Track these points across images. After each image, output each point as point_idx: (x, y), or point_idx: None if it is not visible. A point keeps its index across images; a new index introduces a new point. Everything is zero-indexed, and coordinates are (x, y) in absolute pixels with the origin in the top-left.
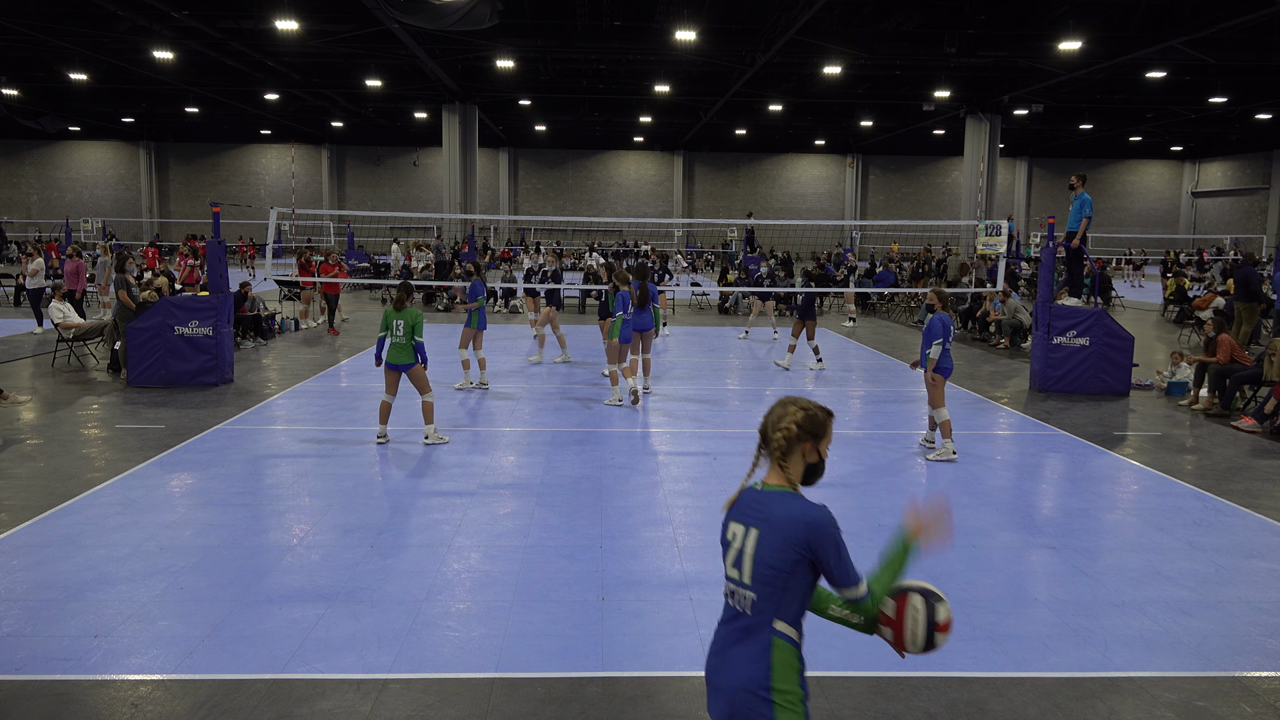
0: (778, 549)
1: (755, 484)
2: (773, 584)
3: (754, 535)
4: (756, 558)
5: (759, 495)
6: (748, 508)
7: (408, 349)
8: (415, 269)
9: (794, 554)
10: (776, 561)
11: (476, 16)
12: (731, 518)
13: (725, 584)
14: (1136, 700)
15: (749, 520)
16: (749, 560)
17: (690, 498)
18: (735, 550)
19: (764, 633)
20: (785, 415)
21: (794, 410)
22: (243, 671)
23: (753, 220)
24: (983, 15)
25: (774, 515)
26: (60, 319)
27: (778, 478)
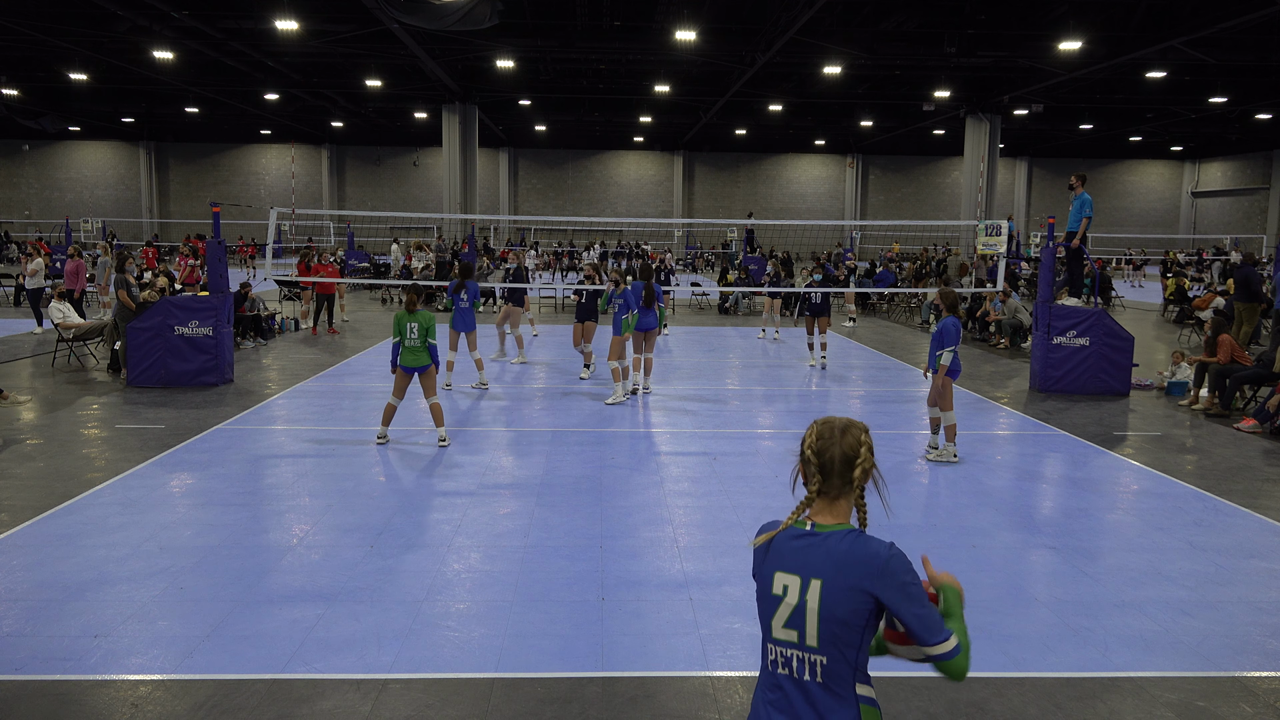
0: (851, 601)
1: (799, 523)
2: (849, 644)
3: (816, 587)
4: (825, 614)
5: (813, 539)
6: (799, 554)
7: (423, 352)
8: (415, 269)
9: (870, 604)
10: (852, 616)
11: (476, 16)
12: (776, 567)
13: (770, 649)
14: (1136, 700)
15: (806, 569)
16: (814, 618)
17: (690, 498)
18: (790, 607)
19: (848, 704)
20: (859, 444)
21: (865, 437)
22: (243, 671)
23: (753, 220)
24: (983, 15)
25: (841, 560)
26: (60, 319)
27: (833, 516)
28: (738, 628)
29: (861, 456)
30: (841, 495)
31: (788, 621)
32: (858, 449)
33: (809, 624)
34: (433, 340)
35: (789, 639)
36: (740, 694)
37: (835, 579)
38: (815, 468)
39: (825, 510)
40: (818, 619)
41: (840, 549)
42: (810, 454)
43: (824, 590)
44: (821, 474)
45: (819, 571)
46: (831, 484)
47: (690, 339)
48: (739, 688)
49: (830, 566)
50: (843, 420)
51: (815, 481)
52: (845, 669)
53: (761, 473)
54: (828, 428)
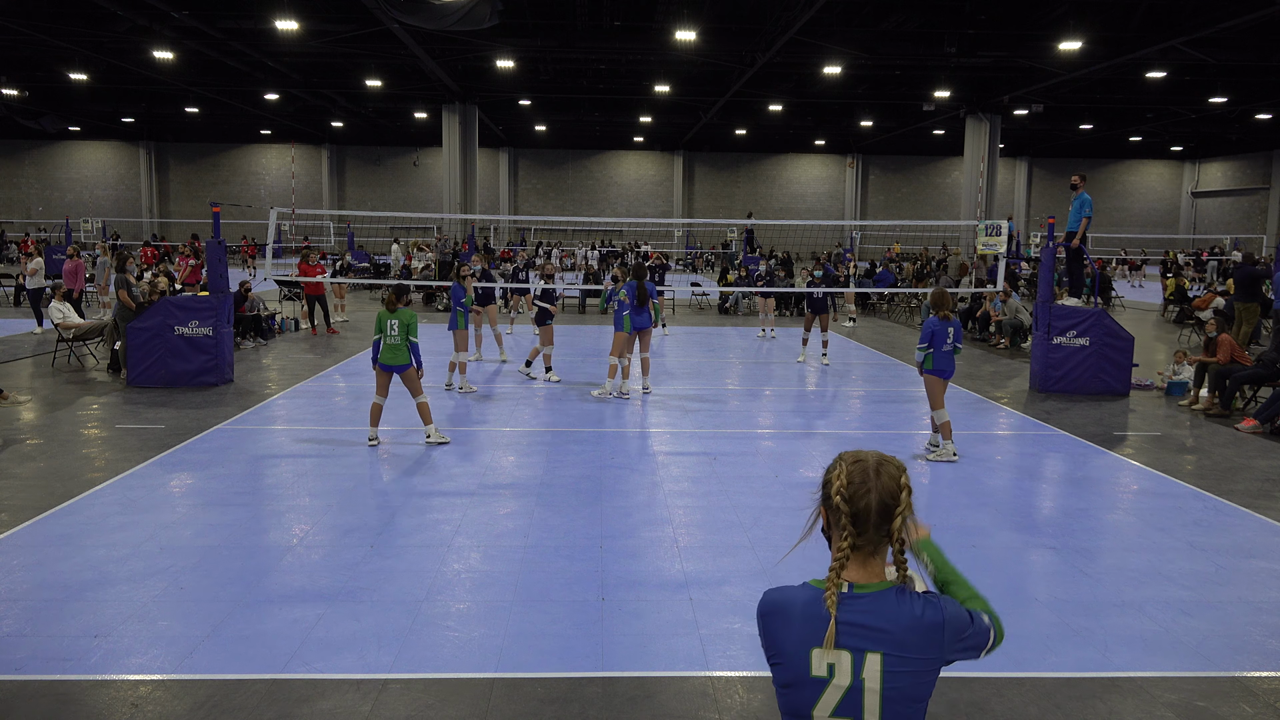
0: (920, 672)
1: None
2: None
3: (875, 663)
4: (890, 693)
5: (856, 604)
6: (844, 624)
7: (402, 350)
8: (415, 269)
9: (938, 670)
10: (920, 690)
11: (476, 16)
12: (814, 644)
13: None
14: (1136, 700)
15: (857, 643)
16: (875, 700)
17: (690, 498)
18: (840, 690)
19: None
20: (898, 486)
21: (904, 478)
22: (243, 671)
23: (753, 220)
24: (983, 15)
25: (900, 626)
26: (60, 319)
27: (869, 573)
28: (738, 628)
29: (902, 503)
30: (878, 548)
31: (839, 708)
32: (897, 493)
33: (868, 707)
34: (414, 339)
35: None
36: (740, 694)
37: (897, 650)
38: (847, 518)
39: (859, 567)
40: (880, 700)
41: (897, 612)
42: (840, 501)
43: (885, 665)
44: (854, 525)
45: (876, 643)
46: (866, 537)
47: (690, 339)
48: (739, 688)
49: (888, 636)
50: (874, 456)
51: (848, 535)
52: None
53: (761, 473)
54: (859, 468)
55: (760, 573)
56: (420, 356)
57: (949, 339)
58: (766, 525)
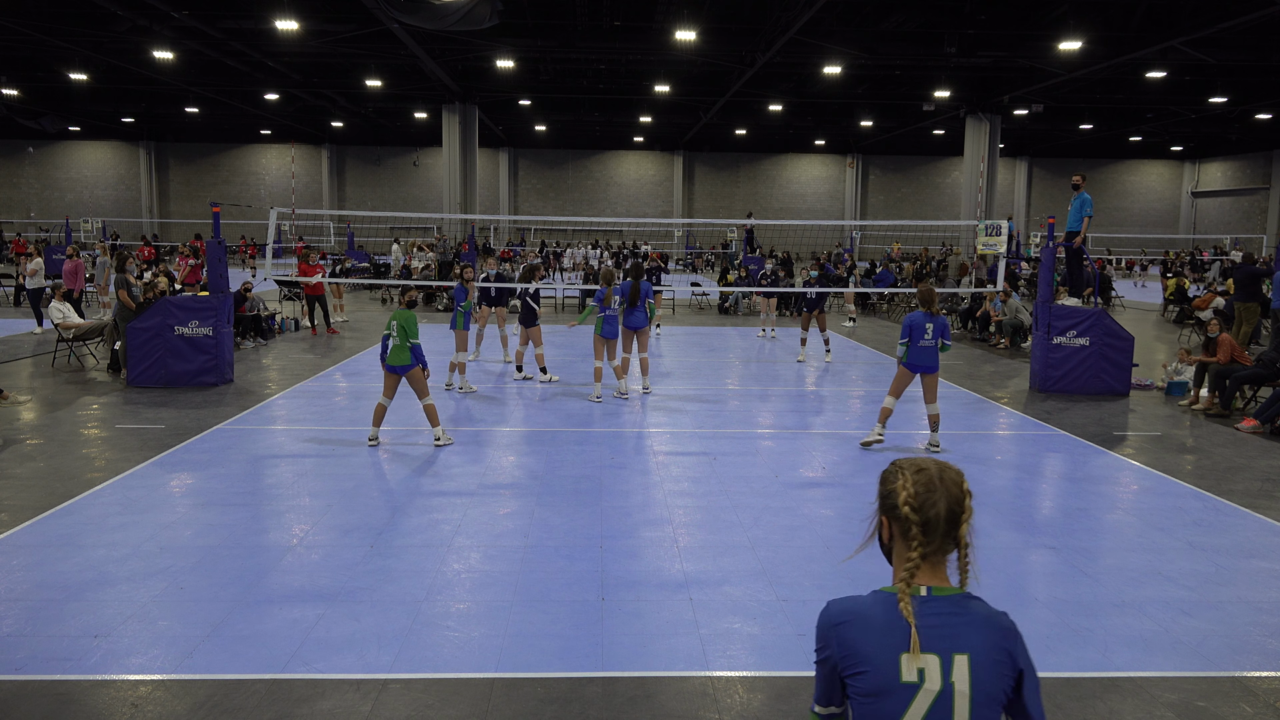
0: (1001, 673)
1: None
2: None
3: (963, 664)
4: (978, 695)
5: (937, 605)
6: (930, 627)
7: (404, 350)
8: (415, 269)
9: (1015, 677)
10: (1001, 693)
11: (476, 16)
12: (901, 649)
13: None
14: (1136, 700)
15: (945, 644)
16: (965, 703)
17: (690, 498)
18: (931, 695)
19: None
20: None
21: (965, 484)
22: (243, 671)
23: (753, 220)
24: (983, 15)
25: (979, 626)
26: (60, 319)
27: (939, 578)
28: (738, 628)
29: (967, 509)
30: (943, 555)
31: (929, 714)
32: (962, 499)
33: (958, 712)
34: (414, 340)
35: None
36: (740, 694)
37: (982, 650)
38: (918, 527)
39: (929, 573)
40: (969, 704)
41: (976, 614)
42: (909, 511)
43: (973, 666)
44: (924, 534)
45: (963, 644)
46: (934, 544)
47: (690, 339)
48: (739, 688)
49: (974, 636)
50: (934, 463)
51: (918, 544)
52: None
53: (761, 473)
54: (925, 477)
55: (760, 573)
56: (424, 357)
57: (927, 334)
58: (766, 525)
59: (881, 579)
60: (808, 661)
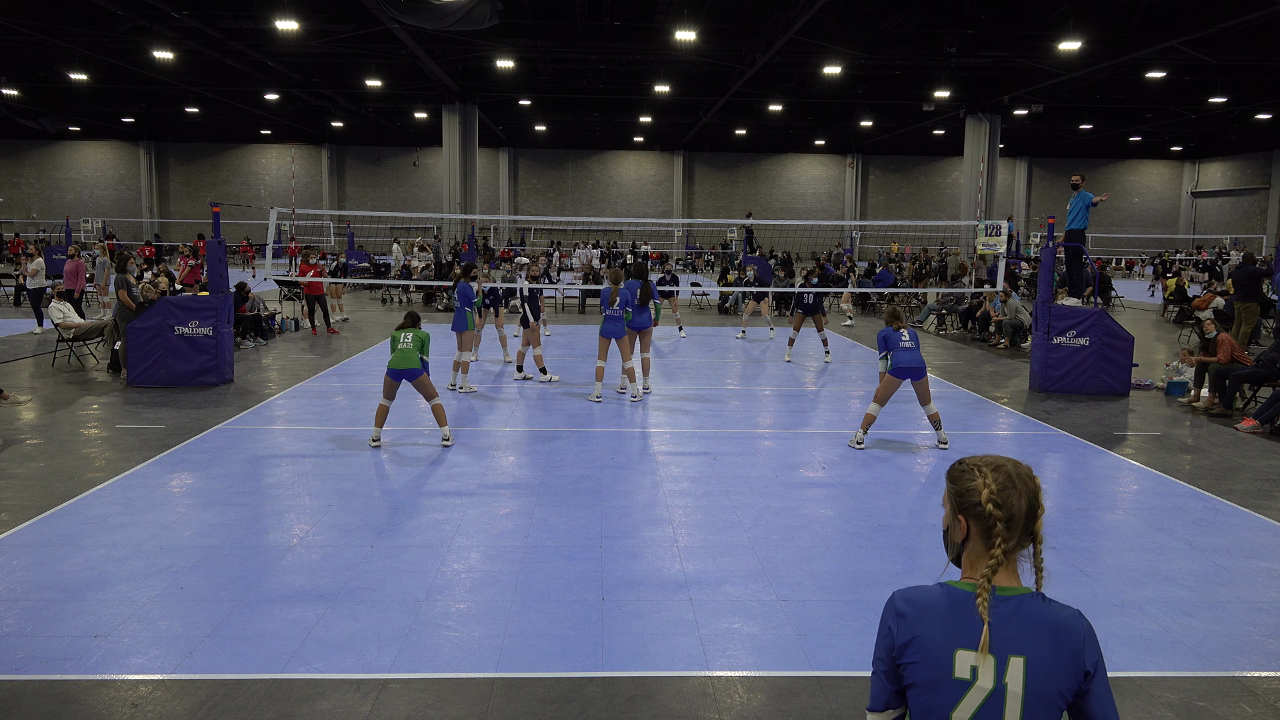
0: (1062, 678)
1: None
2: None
3: (1019, 666)
4: (1031, 698)
5: (1003, 607)
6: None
7: (413, 355)
8: (415, 269)
9: (1079, 681)
10: (1060, 699)
11: (476, 16)
12: (959, 644)
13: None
14: (1136, 700)
15: (1002, 644)
16: (1017, 704)
17: (690, 498)
18: (983, 693)
19: None
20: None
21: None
22: (243, 671)
23: (752, 220)
24: (983, 15)
25: (1043, 629)
26: (60, 319)
27: (1011, 577)
28: (738, 628)
29: (1041, 504)
30: (1018, 553)
31: (979, 712)
32: (1037, 492)
33: (1009, 713)
34: (425, 357)
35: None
36: (740, 694)
37: (1041, 653)
38: (1002, 524)
39: (1003, 571)
40: (1021, 705)
41: (1039, 616)
42: (992, 508)
43: (1029, 669)
44: (1008, 530)
45: (1020, 647)
46: (1014, 539)
47: (690, 339)
48: (739, 688)
49: (1033, 639)
50: (1006, 460)
51: (1001, 540)
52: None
53: (761, 473)
54: (1003, 474)
55: (760, 573)
56: (428, 368)
57: (905, 339)
58: (766, 525)
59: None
60: (808, 661)
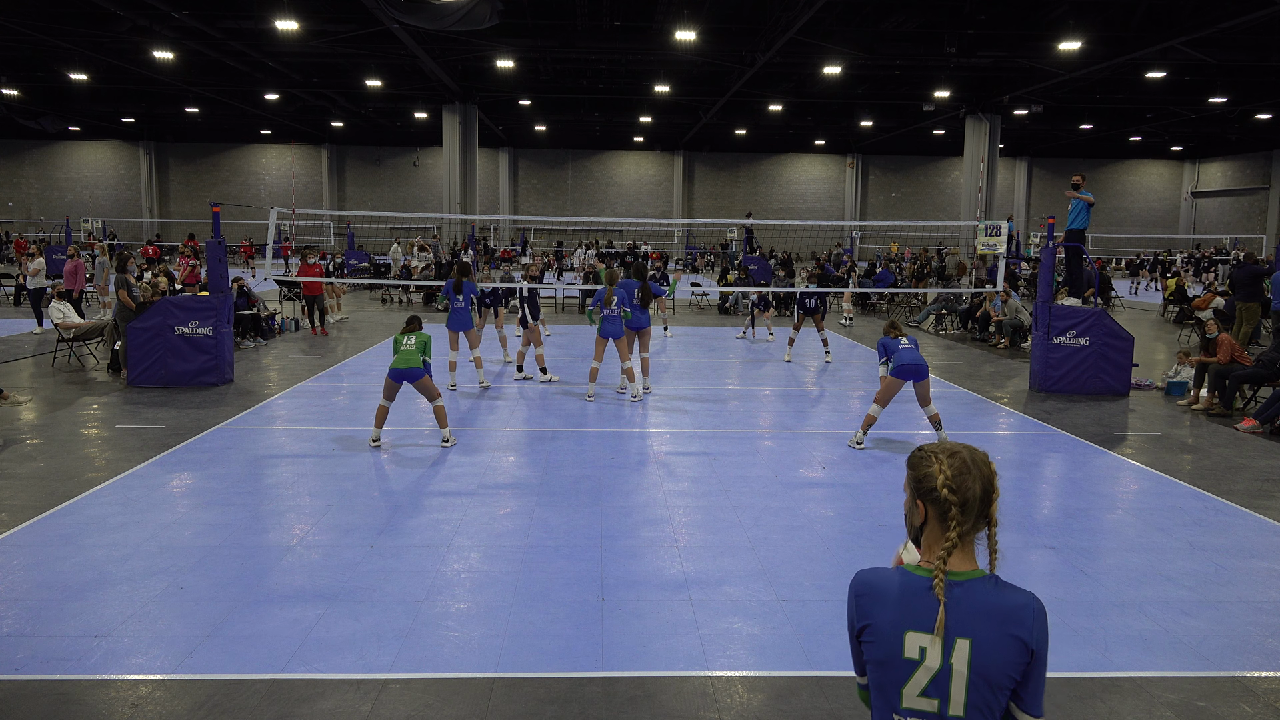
0: (1007, 660)
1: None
2: (997, 709)
3: (964, 648)
4: (975, 678)
5: (953, 592)
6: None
7: (414, 356)
8: (415, 268)
9: (1025, 661)
10: (1005, 679)
11: (476, 17)
12: (908, 626)
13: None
14: (1136, 700)
15: (951, 628)
16: (962, 683)
17: (690, 498)
18: (930, 672)
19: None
20: (992, 473)
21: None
22: (243, 671)
23: (752, 220)
24: (983, 15)
25: (991, 613)
26: (60, 319)
27: (966, 560)
28: (738, 628)
29: (997, 488)
30: (973, 536)
31: (926, 689)
32: (992, 478)
33: (955, 691)
34: (428, 359)
35: (927, 709)
36: (740, 694)
37: (987, 636)
38: (957, 508)
39: (957, 555)
40: (966, 685)
41: (989, 600)
42: (948, 493)
43: (974, 650)
44: (962, 514)
45: (967, 629)
46: (969, 523)
47: (690, 339)
48: (739, 688)
49: (981, 622)
50: (962, 447)
51: (956, 524)
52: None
53: (761, 473)
54: (959, 460)
55: (760, 572)
56: (431, 370)
57: (904, 343)
58: (766, 525)
59: None
60: (808, 661)
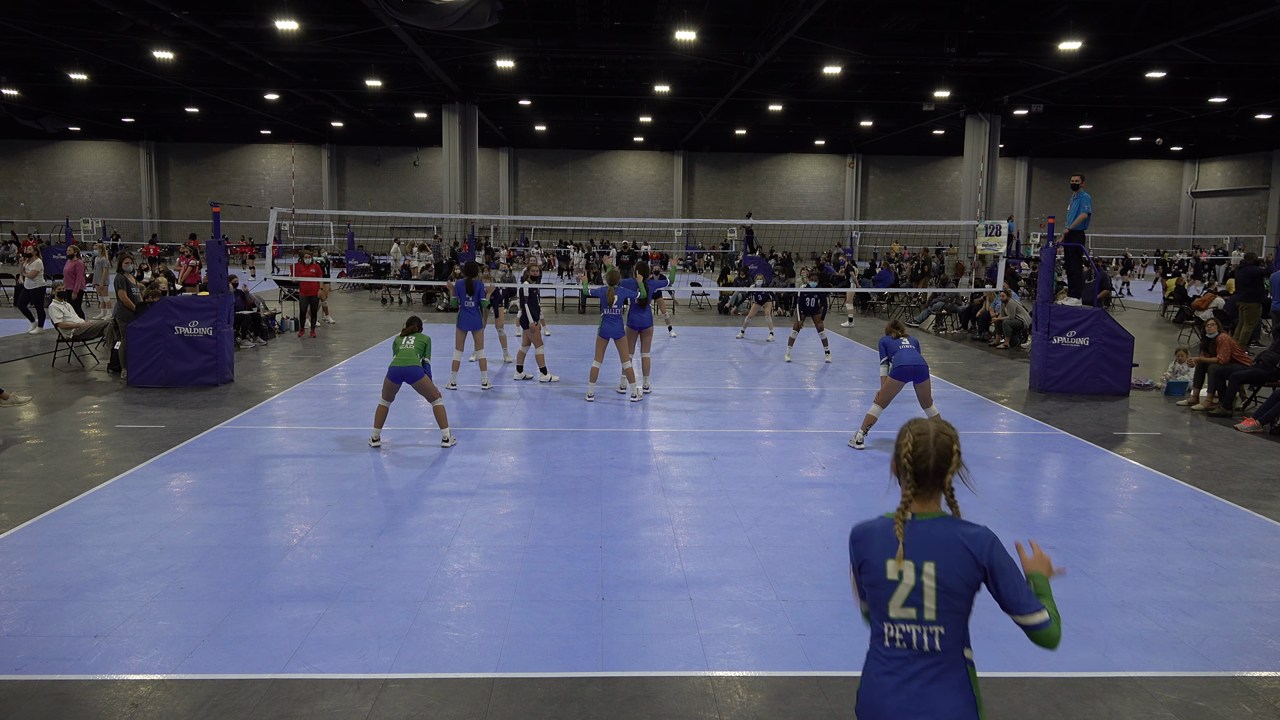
0: (962, 577)
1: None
2: (962, 612)
3: (931, 568)
4: (942, 590)
5: (915, 527)
6: (909, 543)
7: (414, 355)
8: (415, 269)
9: (980, 575)
10: (965, 589)
11: (476, 16)
12: (887, 556)
13: (887, 627)
14: (1136, 700)
15: (918, 554)
16: (932, 595)
17: (690, 498)
18: (908, 588)
19: (959, 665)
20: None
21: (955, 444)
22: (243, 671)
23: (752, 220)
24: (983, 15)
25: (950, 542)
26: (60, 319)
27: (928, 507)
28: (738, 628)
29: (953, 463)
30: (935, 492)
31: (906, 601)
32: (949, 455)
33: (927, 600)
34: (427, 359)
35: (907, 616)
36: (740, 694)
37: (948, 558)
38: (911, 475)
39: (921, 504)
40: (935, 593)
41: (947, 533)
42: (907, 463)
43: (938, 569)
44: (916, 480)
45: (932, 555)
46: (926, 487)
47: (690, 339)
48: (739, 688)
49: (941, 548)
50: (933, 425)
51: (910, 486)
52: (958, 636)
53: (761, 473)
54: (924, 437)
55: (760, 573)
56: (430, 370)
57: (905, 343)
58: (766, 525)
59: None
60: (808, 661)
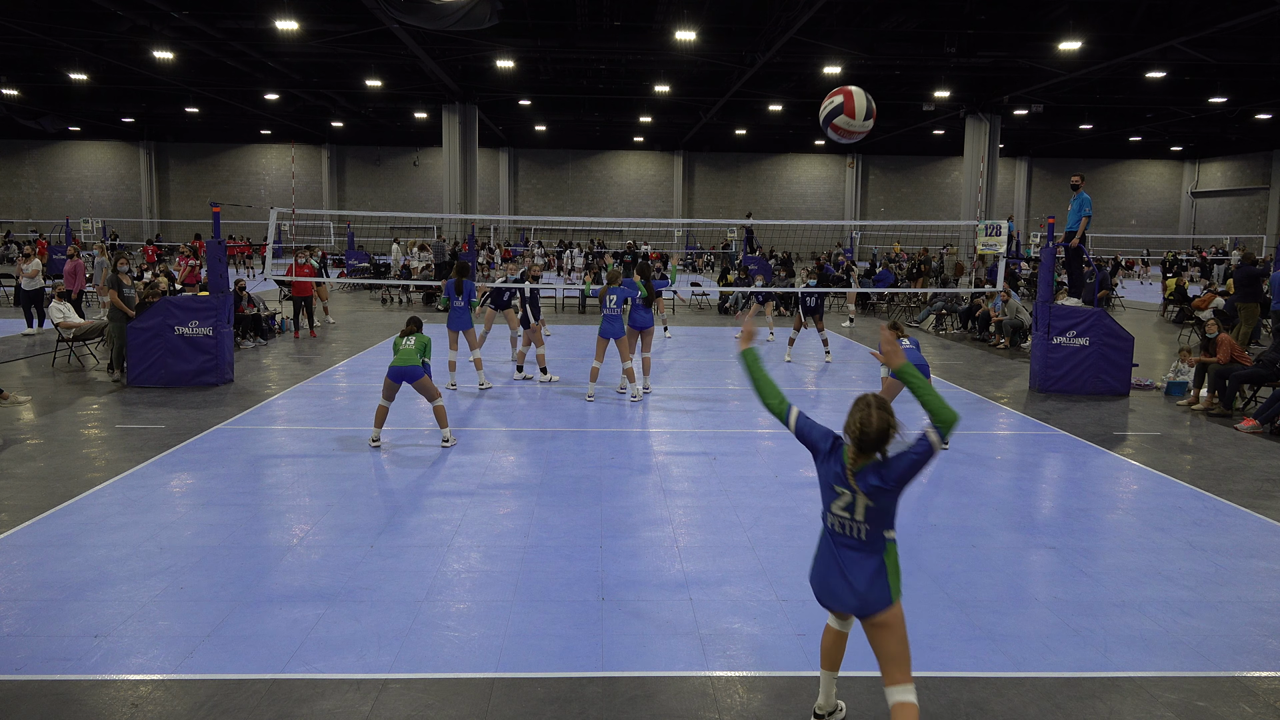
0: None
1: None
2: (885, 512)
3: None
4: (867, 507)
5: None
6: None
7: (414, 354)
8: (415, 268)
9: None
10: (888, 505)
11: (476, 16)
12: (834, 481)
13: (829, 517)
14: (1136, 700)
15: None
16: (861, 510)
17: (690, 498)
18: (845, 500)
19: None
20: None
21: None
22: (243, 671)
23: (752, 220)
24: (983, 15)
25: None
26: (60, 319)
27: (866, 459)
28: (737, 627)
29: (890, 436)
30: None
31: (844, 508)
32: (886, 431)
33: (858, 511)
34: (427, 359)
35: (844, 516)
36: (740, 694)
37: (874, 491)
38: (854, 441)
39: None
40: (864, 510)
41: (873, 472)
42: (851, 433)
43: (866, 490)
44: (858, 447)
45: (863, 486)
46: (867, 452)
47: (690, 339)
48: (739, 688)
49: (869, 485)
50: (874, 399)
51: (856, 449)
52: (880, 528)
53: (761, 473)
54: (869, 412)
55: (760, 573)
56: (430, 370)
57: (905, 343)
58: (766, 525)
59: None
60: (808, 661)
